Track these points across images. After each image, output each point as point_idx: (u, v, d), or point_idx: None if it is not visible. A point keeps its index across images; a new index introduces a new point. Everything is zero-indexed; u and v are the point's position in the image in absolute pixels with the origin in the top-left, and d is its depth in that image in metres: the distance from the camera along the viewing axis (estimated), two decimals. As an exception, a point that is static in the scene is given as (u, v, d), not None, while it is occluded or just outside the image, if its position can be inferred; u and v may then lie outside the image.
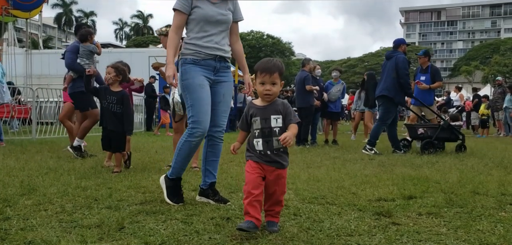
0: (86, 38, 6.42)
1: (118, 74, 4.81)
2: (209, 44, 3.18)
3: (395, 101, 7.41)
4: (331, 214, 2.90)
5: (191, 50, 3.18)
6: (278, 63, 2.55)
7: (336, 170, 5.04)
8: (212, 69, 3.21)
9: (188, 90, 3.16)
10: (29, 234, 2.35)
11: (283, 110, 2.51)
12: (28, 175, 4.33)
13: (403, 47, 7.78)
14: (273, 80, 2.49)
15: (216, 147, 3.31)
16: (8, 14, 11.68)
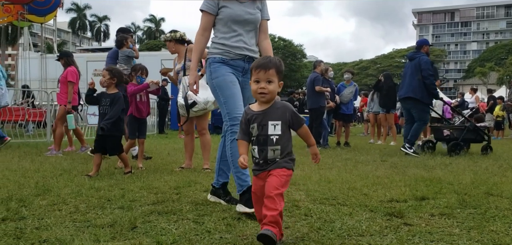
0: (121, 44, 6.51)
1: (113, 77, 4.76)
2: (238, 44, 3.09)
3: (423, 102, 7.33)
4: (342, 214, 2.89)
5: (220, 49, 3.09)
6: (275, 59, 2.33)
7: (348, 171, 5.02)
8: (240, 70, 3.13)
9: (220, 88, 3.06)
10: (44, 233, 2.40)
11: (285, 116, 2.23)
12: (43, 176, 4.41)
13: (426, 48, 7.72)
14: (268, 77, 2.24)
15: (235, 146, 3.17)
16: (23, 19, 11.89)
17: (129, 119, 5.66)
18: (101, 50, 27.54)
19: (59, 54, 7.67)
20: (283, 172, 2.20)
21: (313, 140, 2.34)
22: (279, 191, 2.14)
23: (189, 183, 4.04)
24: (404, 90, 7.55)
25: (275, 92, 2.27)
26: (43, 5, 11.68)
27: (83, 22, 70.02)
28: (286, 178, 2.20)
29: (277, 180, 2.16)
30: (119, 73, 4.88)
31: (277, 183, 2.15)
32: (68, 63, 7.09)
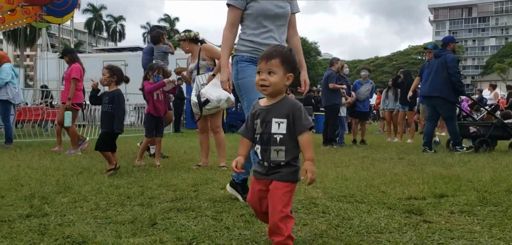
0: (158, 39, 6.53)
1: (113, 74, 4.74)
2: (268, 40, 2.90)
3: (449, 100, 7.24)
4: (360, 212, 2.88)
5: (248, 47, 2.93)
6: (280, 48, 2.08)
7: (365, 169, 5.00)
8: None
9: (245, 90, 2.94)
10: (66, 230, 2.45)
11: (290, 113, 1.98)
12: (63, 174, 4.49)
13: (452, 45, 7.61)
14: (270, 67, 2.00)
15: None
16: (42, 20, 12.11)
17: (146, 118, 5.73)
18: (117, 50, 27.85)
19: (63, 51, 7.64)
20: (286, 187, 1.97)
21: (310, 154, 2.00)
22: (283, 214, 1.94)
23: (206, 180, 4.07)
24: (428, 88, 7.42)
25: (279, 85, 2.01)
26: (60, 6, 11.88)
27: (99, 23, 70.85)
28: (289, 195, 1.98)
29: (279, 201, 1.94)
30: (118, 70, 4.84)
31: (280, 205, 1.94)
32: (72, 60, 7.07)
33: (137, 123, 14.45)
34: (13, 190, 3.59)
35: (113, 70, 4.77)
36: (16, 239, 2.28)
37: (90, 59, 19.93)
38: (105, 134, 4.70)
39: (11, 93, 7.88)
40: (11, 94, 7.86)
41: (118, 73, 4.80)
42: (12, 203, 3.13)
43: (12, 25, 12.76)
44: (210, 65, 5.31)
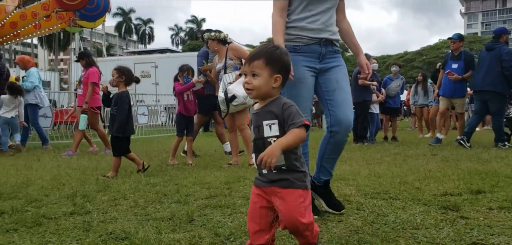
0: None
1: (121, 75, 4.65)
2: (314, 25, 2.68)
3: (503, 94, 6.98)
4: (395, 208, 2.87)
5: (291, 35, 2.71)
6: (265, 48, 1.89)
7: (398, 165, 4.95)
8: (316, 56, 2.71)
9: (287, 85, 2.74)
10: (109, 226, 2.56)
11: (280, 113, 1.81)
12: (103, 173, 4.65)
13: (505, 37, 7.28)
14: (253, 69, 1.83)
15: (340, 144, 2.78)
16: (75, 25, 12.52)
17: (177, 118, 5.87)
18: (146, 52, 28.43)
19: (79, 55, 7.64)
20: (300, 198, 1.77)
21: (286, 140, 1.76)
22: (307, 221, 1.77)
23: (238, 178, 4.14)
24: (481, 82, 7.12)
25: (263, 88, 1.83)
26: (93, 11, 12.25)
27: (128, 26, 72.47)
28: (304, 203, 1.77)
29: (296, 209, 1.75)
30: (127, 71, 4.75)
31: (298, 212, 1.74)
32: (89, 64, 7.12)
33: (167, 123, 14.73)
34: (56, 189, 3.76)
35: (121, 70, 4.69)
36: (63, 235, 2.40)
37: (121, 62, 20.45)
38: (112, 139, 4.71)
39: (39, 97, 8.18)
40: (39, 98, 8.16)
41: (127, 73, 4.71)
42: (56, 201, 3.28)
43: (47, 30, 13.25)
44: (237, 64, 5.38)
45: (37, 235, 2.41)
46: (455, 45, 7.80)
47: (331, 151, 2.80)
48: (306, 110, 2.73)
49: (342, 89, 2.73)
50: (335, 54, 2.78)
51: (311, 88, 2.75)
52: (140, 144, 9.01)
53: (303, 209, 1.76)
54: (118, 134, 4.58)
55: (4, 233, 2.45)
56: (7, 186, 3.92)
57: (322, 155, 2.83)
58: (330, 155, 2.81)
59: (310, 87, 2.74)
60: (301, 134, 1.77)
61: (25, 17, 11.61)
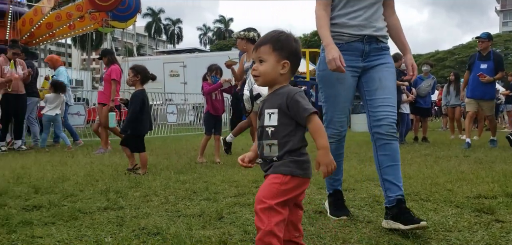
0: (255, 41, 6.61)
1: (136, 74, 4.70)
2: (355, 21, 2.52)
3: None
4: (427, 210, 2.82)
5: (333, 32, 2.54)
6: (273, 33, 1.83)
7: (429, 167, 4.85)
8: (359, 54, 2.56)
9: (324, 83, 2.63)
10: (141, 221, 2.62)
11: (284, 102, 1.72)
12: (128, 167, 4.76)
13: None
14: (260, 55, 1.79)
15: (388, 147, 2.49)
16: (107, 25, 12.85)
17: (205, 116, 5.95)
18: (175, 52, 28.86)
19: (101, 53, 7.75)
20: (276, 179, 1.69)
21: (322, 142, 1.71)
22: (264, 205, 1.65)
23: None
24: None
25: (270, 74, 1.77)
26: (124, 11, 12.54)
27: (158, 26, 73.70)
28: (278, 186, 1.68)
29: (265, 190, 1.69)
30: (143, 69, 4.79)
31: (264, 194, 1.68)
32: (111, 61, 7.21)
33: (195, 122, 14.91)
34: (90, 185, 3.88)
35: (136, 69, 4.74)
36: (98, 229, 2.49)
37: (151, 62, 20.87)
38: (128, 136, 4.79)
39: (68, 95, 8.45)
40: (67, 96, 8.43)
41: (142, 72, 4.75)
42: (90, 196, 3.39)
43: (81, 30, 13.65)
44: None
45: (73, 229, 2.50)
46: (483, 45, 7.44)
47: (385, 159, 2.50)
48: (343, 110, 2.65)
49: (384, 88, 2.54)
50: (381, 52, 2.60)
51: (351, 88, 2.60)
52: (170, 142, 9.18)
53: (274, 189, 1.67)
54: (124, 132, 4.71)
55: (43, 225, 2.56)
56: (44, 181, 4.08)
57: (379, 168, 2.54)
58: (385, 163, 2.50)
59: (350, 87, 2.60)
60: (319, 121, 1.73)
61: (60, 18, 12.01)
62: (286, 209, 1.70)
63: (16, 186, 3.81)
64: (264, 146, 1.77)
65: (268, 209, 1.66)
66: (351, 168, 4.69)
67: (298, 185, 1.72)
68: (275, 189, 1.68)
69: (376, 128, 2.52)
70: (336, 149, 2.66)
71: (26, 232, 2.42)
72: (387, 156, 2.49)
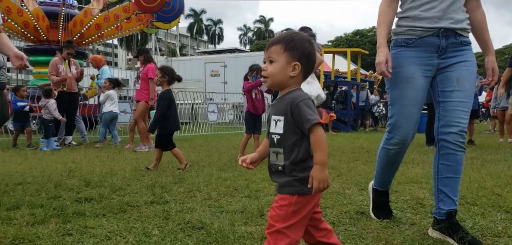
0: None
1: (164, 75, 4.88)
2: (430, 13, 2.27)
3: None
4: (473, 214, 2.75)
5: (404, 27, 2.35)
6: (285, 34, 1.72)
7: (475, 170, 4.68)
8: (434, 49, 2.31)
9: (391, 84, 2.41)
10: (186, 216, 2.72)
11: (288, 109, 1.62)
12: (178, 167, 4.91)
13: None
14: (270, 55, 1.69)
15: (453, 157, 2.28)
16: (152, 26, 13.24)
17: (246, 116, 6.03)
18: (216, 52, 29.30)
19: (138, 52, 7.94)
20: (282, 200, 1.62)
21: (320, 157, 1.58)
22: (272, 229, 1.61)
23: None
24: None
25: (278, 76, 1.67)
26: (169, 12, 12.87)
27: (200, 27, 75.04)
28: (285, 209, 1.61)
29: (273, 213, 1.64)
30: (170, 71, 4.99)
31: (273, 218, 1.63)
32: (147, 60, 7.38)
33: (235, 120, 15.10)
34: (136, 180, 4.04)
35: (164, 70, 4.93)
36: (145, 222, 2.60)
37: (193, 62, 21.31)
38: (163, 136, 4.95)
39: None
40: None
41: (170, 73, 4.94)
42: (137, 191, 3.54)
43: (127, 31, 14.14)
44: None
45: (122, 221, 2.62)
46: None
47: (446, 169, 2.30)
48: (410, 116, 2.36)
49: (461, 90, 2.28)
50: (461, 47, 2.31)
51: (421, 90, 2.34)
52: (210, 140, 9.35)
53: (281, 212, 1.61)
54: (151, 131, 4.83)
55: (95, 217, 2.71)
56: (94, 175, 4.29)
57: (436, 176, 2.36)
58: (445, 174, 2.30)
59: (420, 89, 2.34)
60: (322, 133, 1.60)
61: (108, 19, 12.51)
62: (296, 231, 1.62)
63: (68, 180, 4.04)
64: (271, 153, 1.70)
65: (276, 233, 1.61)
66: (393, 170, 4.61)
67: (308, 201, 1.64)
68: (284, 212, 1.61)
69: (443, 135, 2.29)
70: (396, 155, 2.48)
71: (79, 222, 2.57)
72: (448, 167, 2.29)
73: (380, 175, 2.63)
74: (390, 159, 2.50)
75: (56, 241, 2.22)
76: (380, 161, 2.56)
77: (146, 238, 2.29)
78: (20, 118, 7.69)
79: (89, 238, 2.28)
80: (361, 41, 49.12)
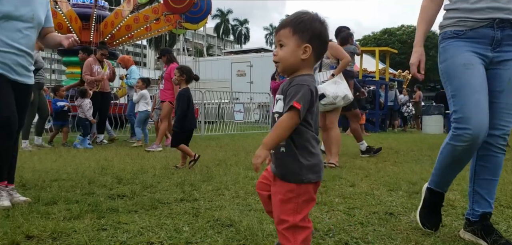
0: (347, 40, 6.46)
1: (182, 74, 5.05)
2: (482, 3, 2.09)
3: None
4: (507, 216, 2.69)
5: (453, 18, 2.17)
6: (295, 14, 1.67)
7: (509, 172, 4.54)
8: (488, 42, 2.12)
9: (448, 75, 2.18)
10: (215, 213, 2.77)
11: (286, 89, 1.61)
12: (206, 165, 5.00)
13: None
14: (280, 39, 1.64)
15: (492, 160, 2.18)
16: (181, 27, 13.46)
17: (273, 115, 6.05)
18: (242, 52, 29.46)
19: (161, 52, 8.06)
20: (285, 189, 1.59)
21: (267, 137, 1.58)
22: (287, 224, 1.57)
23: (333, 177, 4.16)
24: None
25: (289, 59, 1.62)
26: (196, 13, 13.06)
27: (226, 27, 75.53)
28: (294, 200, 1.57)
29: (279, 207, 1.59)
30: (188, 70, 5.16)
31: (281, 212, 1.59)
32: (170, 60, 7.48)
33: (261, 120, 15.15)
34: (166, 178, 4.13)
35: (182, 70, 5.11)
36: (176, 218, 2.66)
37: (220, 62, 21.51)
38: (173, 133, 5.13)
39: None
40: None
41: (187, 72, 5.12)
42: (167, 188, 3.62)
43: (156, 32, 14.43)
44: (333, 63, 5.33)
45: (154, 217, 2.69)
46: None
47: (484, 171, 2.20)
48: (477, 104, 2.07)
49: (511, 92, 2.13)
50: None
51: (483, 76, 2.11)
52: (237, 139, 9.43)
53: (289, 207, 1.57)
54: (175, 129, 5.04)
55: (127, 213, 2.79)
56: (125, 172, 4.41)
57: (473, 176, 2.26)
58: (483, 175, 2.21)
59: (481, 75, 2.11)
60: (289, 122, 1.53)
61: (138, 21, 12.79)
62: (311, 221, 1.66)
63: (101, 176, 4.17)
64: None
65: (292, 227, 1.57)
66: (423, 171, 4.55)
67: (314, 189, 1.62)
68: (292, 206, 1.58)
69: (487, 137, 2.12)
70: (463, 153, 2.15)
71: (113, 218, 2.65)
72: (486, 168, 2.19)
73: (439, 173, 2.33)
74: (456, 157, 2.19)
75: (92, 235, 2.31)
76: (441, 159, 2.27)
77: (177, 234, 2.35)
78: (60, 117, 7.97)
79: (122, 233, 2.36)
80: (389, 40, 48.31)
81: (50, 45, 3.39)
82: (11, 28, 2.87)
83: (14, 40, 2.88)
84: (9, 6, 2.85)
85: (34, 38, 3.07)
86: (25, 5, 2.93)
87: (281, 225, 1.59)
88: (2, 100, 2.84)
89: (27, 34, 2.96)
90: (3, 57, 2.85)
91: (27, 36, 2.97)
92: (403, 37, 56.40)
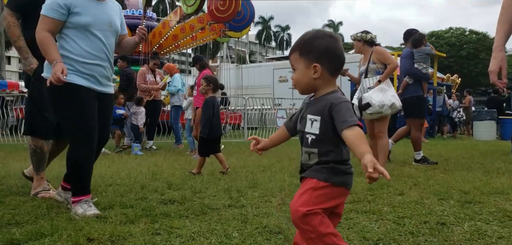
0: (420, 42, 6.36)
1: (209, 83, 5.28)
2: None
3: None
4: None
5: None
6: (299, 39, 1.72)
7: None
8: None
9: None
10: (263, 220, 2.81)
11: (326, 110, 1.63)
12: (251, 171, 5.07)
13: None
14: (292, 64, 1.73)
15: None
16: (225, 35, 13.73)
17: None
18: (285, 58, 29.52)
19: (193, 59, 8.26)
20: (311, 184, 1.65)
21: (365, 148, 1.53)
22: (306, 209, 1.60)
23: (381, 185, 4.08)
24: None
25: (302, 81, 1.70)
26: (240, 21, 13.28)
27: (268, 33, 75.86)
28: (313, 193, 1.63)
29: (298, 199, 1.65)
30: (214, 80, 5.43)
31: (298, 202, 1.64)
32: (202, 67, 7.58)
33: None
34: (213, 184, 4.23)
35: (208, 79, 5.37)
36: (225, 224, 2.73)
37: (262, 68, 21.68)
38: (200, 140, 5.29)
39: (181, 99, 9.19)
40: (181, 100, 9.17)
41: (214, 82, 5.39)
42: (215, 194, 3.72)
43: (201, 41, 14.80)
44: (379, 68, 5.20)
45: (204, 223, 2.78)
46: None
47: None
48: None
49: None
50: None
51: None
52: (280, 146, 9.41)
53: (313, 196, 1.62)
54: (203, 136, 5.20)
55: (179, 218, 2.89)
56: (175, 178, 4.56)
57: None
58: None
59: None
60: (361, 132, 1.58)
61: (184, 30, 13.17)
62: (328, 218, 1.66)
63: (152, 182, 4.33)
64: (303, 153, 1.73)
65: (306, 215, 1.61)
66: (475, 180, 4.38)
67: (338, 195, 1.67)
68: (314, 196, 1.63)
69: None
70: None
71: (166, 222, 2.76)
72: None
73: None
74: None
75: (147, 239, 2.41)
76: None
77: (227, 240, 2.41)
78: (118, 123, 8.36)
79: (175, 238, 2.45)
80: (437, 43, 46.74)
81: (127, 50, 3.54)
82: (93, 38, 3.00)
83: (98, 51, 3.01)
84: (89, 17, 2.98)
85: (113, 46, 3.21)
86: (103, 14, 3.06)
87: (297, 214, 1.66)
88: (88, 115, 2.96)
89: (108, 43, 3.10)
90: (90, 69, 2.99)
91: (109, 45, 3.11)
92: (452, 39, 54.33)
